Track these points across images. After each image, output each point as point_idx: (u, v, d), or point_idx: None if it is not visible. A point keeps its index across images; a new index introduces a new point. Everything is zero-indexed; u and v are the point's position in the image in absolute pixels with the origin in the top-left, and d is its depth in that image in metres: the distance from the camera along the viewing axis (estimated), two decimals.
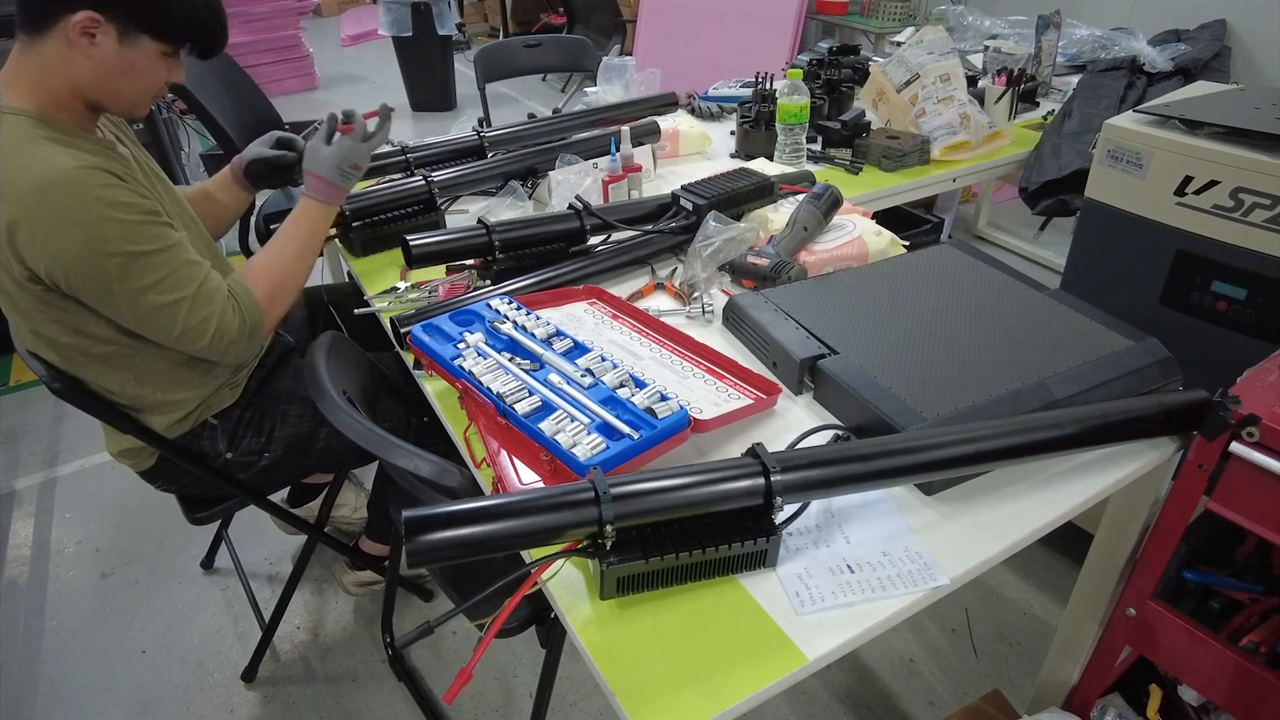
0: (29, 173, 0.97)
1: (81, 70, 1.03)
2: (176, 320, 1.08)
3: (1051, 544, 1.78)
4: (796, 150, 1.76)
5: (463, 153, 1.65)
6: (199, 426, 1.28)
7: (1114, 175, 1.46)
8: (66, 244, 0.98)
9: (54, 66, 1.02)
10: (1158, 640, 1.03)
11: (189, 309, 1.08)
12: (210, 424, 1.29)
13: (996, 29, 2.73)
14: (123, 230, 1.01)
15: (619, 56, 2.03)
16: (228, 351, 1.14)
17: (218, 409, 1.29)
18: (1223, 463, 0.88)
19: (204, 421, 1.28)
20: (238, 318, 1.13)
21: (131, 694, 1.56)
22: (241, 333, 1.13)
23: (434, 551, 0.66)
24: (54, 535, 1.95)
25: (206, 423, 1.29)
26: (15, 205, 0.97)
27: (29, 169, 0.97)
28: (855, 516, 0.86)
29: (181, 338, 1.10)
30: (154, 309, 1.06)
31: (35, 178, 0.97)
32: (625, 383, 0.92)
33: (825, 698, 1.52)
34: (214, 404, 1.28)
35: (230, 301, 1.12)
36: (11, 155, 0.98)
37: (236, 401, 1.31)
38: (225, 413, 1.30)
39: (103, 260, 1.00)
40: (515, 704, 1.53)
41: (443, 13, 4.61)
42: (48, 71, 1.02)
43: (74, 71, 1.03)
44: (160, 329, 1.09)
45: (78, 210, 0.98)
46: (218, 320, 1.10)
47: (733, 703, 0.67)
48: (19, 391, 2.48)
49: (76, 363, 1.15)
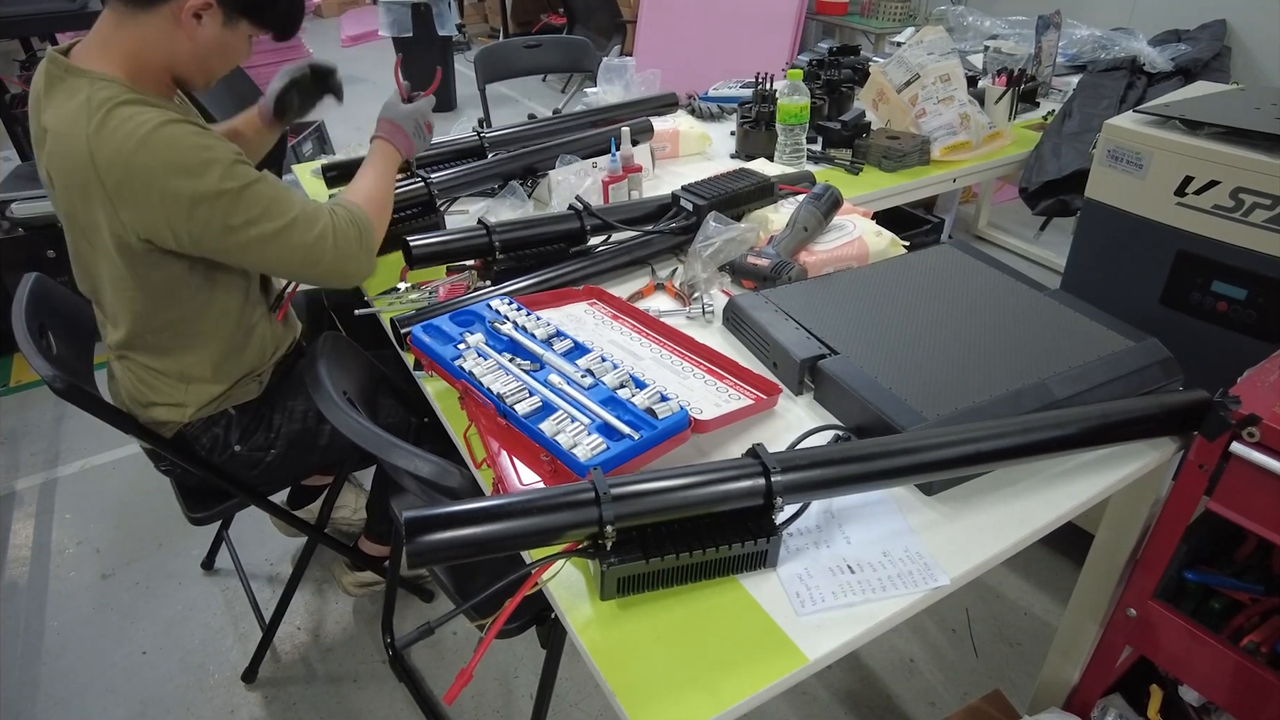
0: (128, 135, 1.00)
1: (182, 48, 1.08)
2: (294, 242, 1.10)
3: (1052, 544, 1.78)
4: (797, 151, 1.76)
5: (463, 153, 1.65)
6: (218, 414, 1.30)
7: (1114, 175, 1.46)
8: (173, 196, 1.02)
9: (155, 41, 1.06)
10: (1158, 640, 1.02)
11: (303, 228, 1.10)
12: (230, 414, 1.31)
13: (996, 29, 2.73)
14: (221, 171, 1.04)
15: (619, 57, 2.03)
16: (351, 261, 1.15)
17: (241, 400, 1.31)
18: (1223, 463, 0.88)
19: (225, 410, 1.30)
20: (353, 228, 1.15)
21: (132, 694, 1.56)
22: (361, 243, 1.15)
23: (434, 552, 0.66)
24: (54, 536, 1.95)
25: (226, 411, 1.30)
26: (121, 169, 1.01)
27: (128, 132, 1.00)
28: (855, 517, 0.86)
29: (305, 260, 1.11)
30: (269, 237, 1.08)
31: (133, 138, 1.00)
32: (625, 383, 0.92)
33: (826, 698, 1.52)
34: (238, 395, 1.31)
35: (336, 214, 1.15)
36: (109, 121, 1.01)
37: (257, 398, 1.33)
38: (244, 406, 1.32)
39: (211, 202, 1.04)
40: (516, 704, 1.53)
41: (443, 13, 4.61)
42: (147, 45, 1.06)
43: (175, 48, 1.07)
44: (282, 257, 1.11)
45: (177, 162, 1.01)
46: (334, 233, 1.12)
47: (733, 703, 0.67)
48: (19, 392, 2.48)
49: (150, 329, 1.19)
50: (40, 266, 2.40)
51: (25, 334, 1.17)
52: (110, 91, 1.02)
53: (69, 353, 1.28)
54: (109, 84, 1.03)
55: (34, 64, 3.33)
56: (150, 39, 1.06)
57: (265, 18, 1.13)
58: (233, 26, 1.10)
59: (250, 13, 1.11)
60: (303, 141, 3.36)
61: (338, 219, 1.14)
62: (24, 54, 3.41)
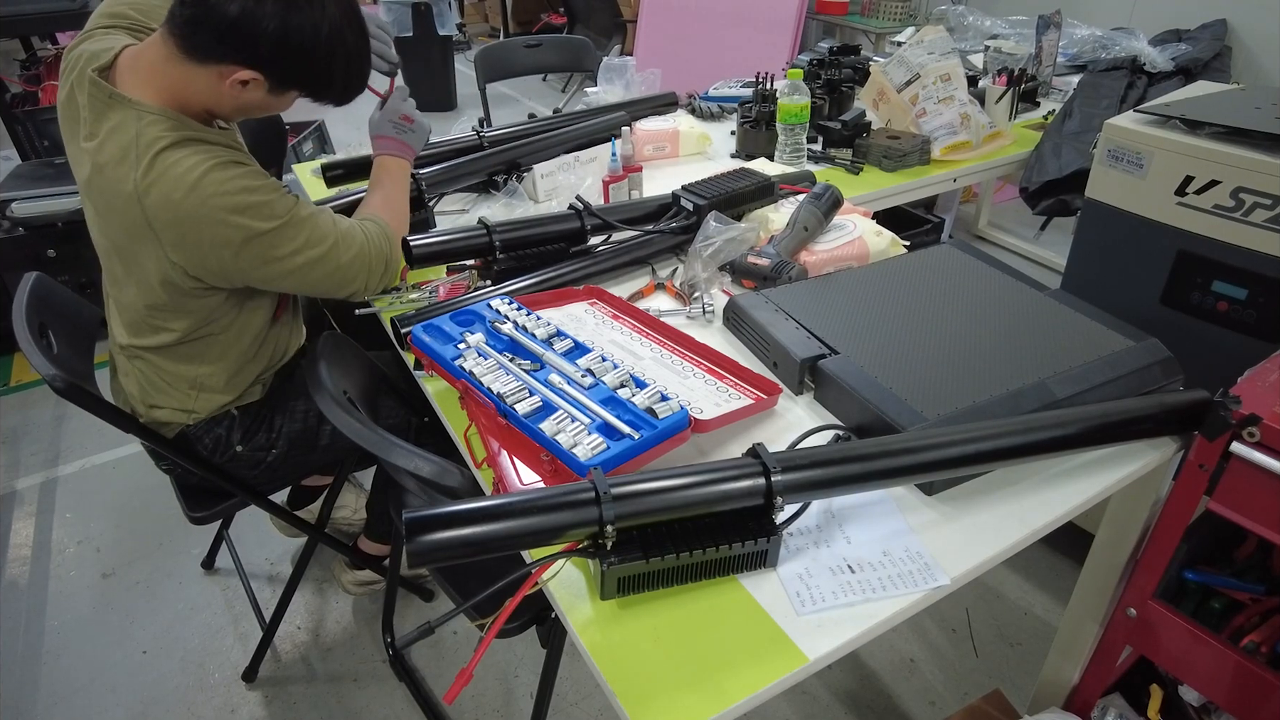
0: (176, 181, 1.02)
1: (225, 103, 1.08)
2: (333, 265, 1.13)
3: (1052, 544, 1.78)
4: (797, 150, 1.76)
5: (463, 153, 1.65)
6: (224, 414, 1.30)
7: (1114, 175, 1.46)
8: (224, 240, 1.05)
9: (198, 88, 1.06)
10: (1158, 640, 1.02)
11: (342, 249, 1.13)
12: (233, 414, 1.31)
13: (997, 29, 2.73)
14: (268, 209, 1.07)
15: (619, 56, 2.03)
16: (380, 276, 1.19)
17: (244, 403, 1.32)
18: (1223, 463, 0.88)
19: (229, 411, 1.31)
20: (385, 243, 1.19)
21: (132, 694, 1.56)
22: (389, 260, 1.19)
23: (435, 552, 0.66)
24: (55, 535, 1.95)
25: (230, 412, 1.31)
26: (171, 215, 1.03)
27: (176, 178, 1.02)
28: (856, 516, 0.86)
29: (343, 280, 1.15)
30: (312, 263, 1.12)
31: (182, 185, 1.02)
32: (626, 383, 0.92)
33: (826, 698, 1.52)
34: (244, 396, 1.31)
35: (368, 231, 1.18)
36: (157, 165, 1.02)
37: (259, 400, 1.33)
38: (246, 407, 1.33)
39: (258, 239, 1.06)
40: (516, 704, 1.53)
41: (443, 13, 4.61)
42: (191, 90, 1.06)
43: (219, 100, 1.07)
44: (321, 279, 1.14)
45: (226, 206, 1.03)
46: (369, 252, 1.16)
47: (733, 703, 0.67)
48: (19, 391, 2.48)
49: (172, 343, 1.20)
50: (40, 266, 2.41)
51: (26, 333, 1.17)
52: (157, 130, 1.03)
53: (69, 352, 1.28)
54: (156, 120, 1.04)
55: (35, 64, 3.34)
56: (194, 85, 1.05)
57: (323, 94, 1.12)
58: (280, 95, 1.09)
59: (303, 86, 1.09)
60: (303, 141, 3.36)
61: (370, 236, 1.17)
62: (24, 54, 3.41)
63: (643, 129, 1.82)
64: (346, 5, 1.07)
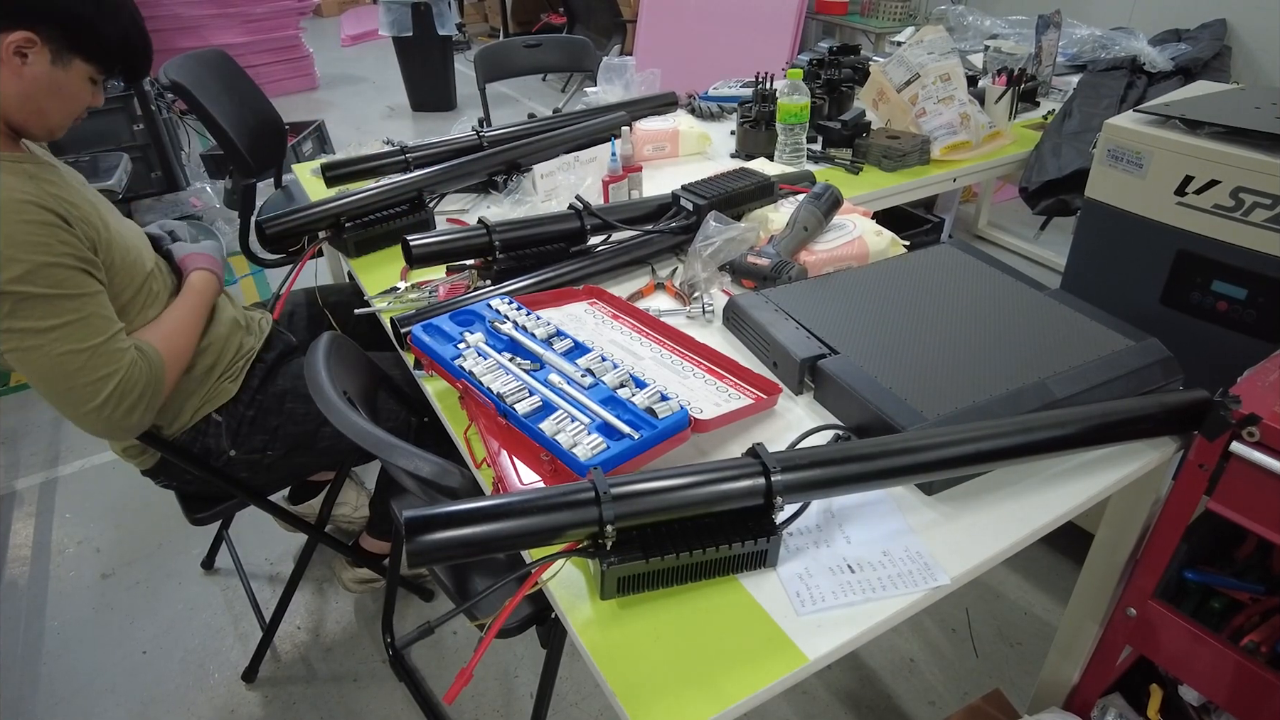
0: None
1: (10, 89, 1.01)
2: (69, 369, 1.02)
3: (1052, 544, 1.78)
4: (797, 150, 1.76)
5: (463, 153, 1.65)
6: (202, 422, 1.28)
7: (1114, 175, 1.46)
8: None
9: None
10: (1158, 640, 1.03)
11: (93, 362, 1.03)
12: (215, 420, 1.29)
13: (997, 29, 2.73)
14: (22, 271, 0.97)
15: (619, 56, 2.03)
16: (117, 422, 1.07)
17: (220, 402, 1.29)
18: (1223, 462, 0.88)
19: (207, 417, 1.29)
20: (146, 388, 1.09)
21: (132, 694, 1.56)
22: (137, 403, 1.08)
23: (435, 551, 0.66)
24: (54, 535, 1.95)
25: (210, 418, 1.29)
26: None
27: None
28: (855, 516, 0.86)
29: (72, 395, 1.04)
30: (45, 348, 1.01)
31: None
32: (625, 383, 0.92)
33: (826, 698, 1.52)
34: (215, 397, 1.29)
35: (136, 367, 1.08)
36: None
37: (238, 397, 1.31)
38: (229, 409, 1.30)
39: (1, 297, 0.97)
40: (516, 704, 1.53)
41: (443, 13, 4.61)
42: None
43: (2, 90, 1.01)
44: (47, 375, 1.03)
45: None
46: (119, 386, 1.06)
47: (733, 703, 0.67)
48: (19, 391, 2.48)
49: None
50: None
51: None
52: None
53: None
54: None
55: None
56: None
57: (99, 54, 1.05)
58: (64, 65, 1.03)
59: (81, 49, 1.03)
60: (303, 141, 3.36)
61: (133, 373, 1.07)
62: None
63: (642, 129, 1.82)
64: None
